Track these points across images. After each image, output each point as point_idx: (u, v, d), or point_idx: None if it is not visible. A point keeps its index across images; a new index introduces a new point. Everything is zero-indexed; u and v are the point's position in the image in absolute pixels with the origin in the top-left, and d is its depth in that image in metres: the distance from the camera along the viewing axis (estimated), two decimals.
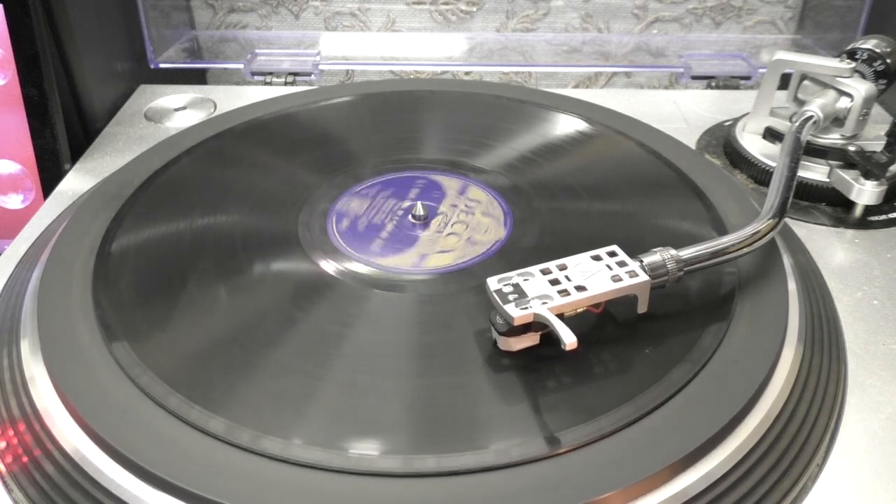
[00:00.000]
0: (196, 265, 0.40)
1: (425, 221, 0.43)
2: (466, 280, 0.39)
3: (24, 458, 0.32)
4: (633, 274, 0.34)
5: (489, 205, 0.45)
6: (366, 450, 0.29)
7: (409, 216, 0.43)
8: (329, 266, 0.40)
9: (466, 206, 0.45)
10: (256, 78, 0.70)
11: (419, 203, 0.44)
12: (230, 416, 0.30)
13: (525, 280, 0.33)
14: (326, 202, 0.45)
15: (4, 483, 0.32)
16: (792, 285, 0.39)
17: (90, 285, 0.38)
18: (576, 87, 0.84)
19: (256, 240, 0.42)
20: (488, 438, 0.30)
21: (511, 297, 0.32)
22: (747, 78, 0.69)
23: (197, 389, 0.32)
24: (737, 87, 0.69)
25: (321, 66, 0.71)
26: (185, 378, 0.32)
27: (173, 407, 0.31)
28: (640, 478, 0.28)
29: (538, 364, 0.33)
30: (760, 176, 0.52)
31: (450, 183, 0.47)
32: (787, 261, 0.40)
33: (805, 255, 0.44)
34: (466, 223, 0.43)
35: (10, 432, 0.33)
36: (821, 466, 0.33)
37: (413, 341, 0.35)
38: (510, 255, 0.41)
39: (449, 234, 0.42)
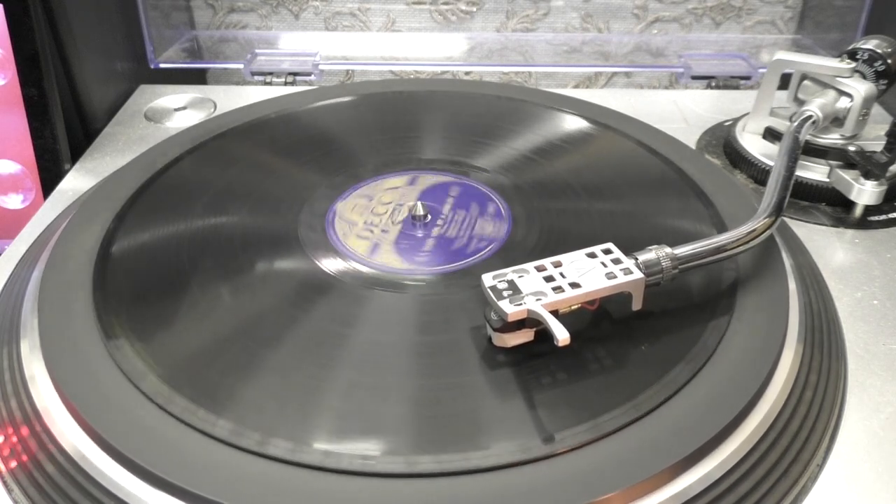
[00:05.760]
0: (196, 265, 0.40)
1: (426, 221, 0.43)
2: (467, 280, 0.39)
3: (24, 458, 0.32)
4: (627, 271, 0.34)
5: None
6: (367, 450, 0.29)
7: (410, 217, 0.43)
8: (329, 266, 0.40)
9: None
10: (256, 78, 0.70)
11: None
12: (230, 416, 0.30)
13: (520, 277, 0.33)
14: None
15: (4, 483, 0.32)
16: (792, 285, 0.39)
17: (90, 285, 0.38)
18: (576, 87, 0.84)
19: (257, 240, 0.42)
20: (489, 439, 0.30)
21: (506, 294, 0.32)
22: (747, 78, 0.69)
23: (197, 390, 0.32)
24: (737, 87, 0.69)
25: (321, 66, 0.71)
26: (185, 378, 0.32)
27: (173, 407, 0.31)
28: (641, 478, 0.28)
29: (538, 364, 0.33)
30: (760, 176, 0.52)
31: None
32: (787, 261, 0.40)
33: (805, 255, 0.45)
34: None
35: (11, 432, 0.33)
36: (821, 466, 0.33)
37: (414, 341, 0.35)
38: (510, 255, 0.41)
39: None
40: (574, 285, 0.33)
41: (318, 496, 0.28)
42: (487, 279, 0.33)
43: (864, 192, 0.47)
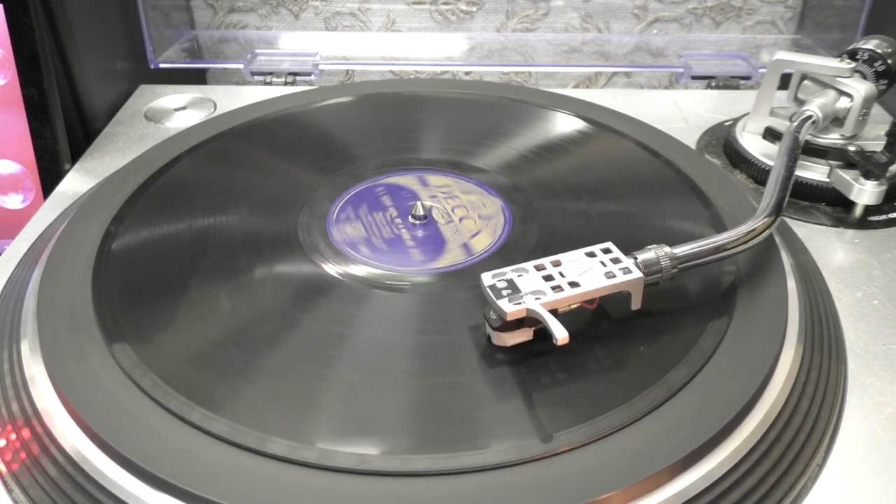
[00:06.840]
0: (196, 265, 0.40)
1: (428, 219, 0.43)
2: (466, 280, 0.39)
3: (25, 459, 0.32)
4: (626, 270, 0.34)
5: (459, 184, 0.46)
6: (365, 450, 0.29)
7: (410, 218, 0.43)
8: (329, 266, 0.40)
9: (443, 193, 0.45)
10: (256, 78, 0.70)
11: (418, 203, 0.44)
12: (230, 417, 0.30)
13: (519, 276, 0.33)
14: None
15: (4, 483, 0.32)
16: (792, 285, 0.39)
17: (90, 285, 0.38)
18: (576, 87, 0.84)
19: (256, 240, 0.42)
20: (488, 438, 0.30)
21: (504, 293, 0.32)
22: (747, 78, 0.69)
23: (198, 390, 0.32)
24: (737, 87, 0.69)
25: (321, 66, 0.71)
26: (185, 378, 0.32)
27: (174, 407, 0.31)
28: (640, 478, 0.28)
29: (537, 363, 0.33)
30: (760, 176, 0.52)
31: (407, 181, 0.47)
32: (786, 261, 0.40)
33: (805, 255, 0.44)
34: (463, 205, 0.44)
35: (11, 432, 0.33)
36: (821, 466, 0.33)
37: (413, 341, 0.35)
38: (510, 255, 0.41)
39: (461, 218, 0.43)
40: (573, 284, 0.33)
41: (317, 495, 0.28)
42: (487, 278, 0.33)
43: (864, 192, 0.47)
